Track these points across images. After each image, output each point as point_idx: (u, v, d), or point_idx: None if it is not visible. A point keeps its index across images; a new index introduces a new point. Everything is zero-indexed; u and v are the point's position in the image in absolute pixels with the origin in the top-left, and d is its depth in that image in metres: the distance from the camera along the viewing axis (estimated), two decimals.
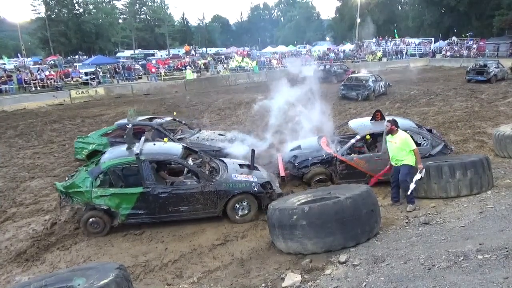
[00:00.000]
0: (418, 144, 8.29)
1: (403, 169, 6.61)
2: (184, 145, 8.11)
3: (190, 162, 7.68)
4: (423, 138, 8.34)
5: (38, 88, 26.35)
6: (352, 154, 8.24)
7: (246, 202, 6.98)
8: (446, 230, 5.12)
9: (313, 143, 9.08)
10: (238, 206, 6.97)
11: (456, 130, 12.22)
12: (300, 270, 4.72)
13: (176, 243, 6.41)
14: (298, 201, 5.91)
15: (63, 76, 28.86)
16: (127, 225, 6.82)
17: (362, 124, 8.92)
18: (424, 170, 6.53)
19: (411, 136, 8.57)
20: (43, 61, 54.24)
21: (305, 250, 5.15)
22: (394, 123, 6.71)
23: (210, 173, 7.45)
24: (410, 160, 6.56)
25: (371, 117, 8.84)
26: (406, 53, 45.20)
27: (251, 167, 7.72)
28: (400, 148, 6.57)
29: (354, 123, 9.17)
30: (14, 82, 27.22)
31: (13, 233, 6.98)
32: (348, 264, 4.59)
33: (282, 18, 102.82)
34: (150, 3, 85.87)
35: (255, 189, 6.98)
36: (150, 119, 10.86)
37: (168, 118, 11.32)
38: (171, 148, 7.56)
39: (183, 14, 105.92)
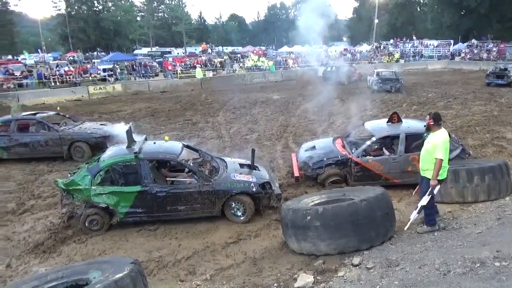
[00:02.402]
0: None
1: (425, 184, 5.59)
2: (185, 144, 8.14)
3: (190, 161, 7.72)
4: None
5: (57, 83, 26.85)
6: (368, 156, 8.18)
7: (241, 203, 6.92)
8: (462, 236, 5.06)
9: (328, 144, 9.04)
10: (233, 205, 6.96)
11: (474, 134, 12.02)
12: (312, 271, 4.71)
13: (189, 239, 6.46)
14: (312, 202, 5.90)
15: (82, 72, 29.34)
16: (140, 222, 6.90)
17: (378, 126, 8.83)
18: (437, 188, 5.47)
19: None
20: (62, 57, 55.14)
21: (318, 251, 5.15)
22: (434, 117, 5.49)
23: (210, 172, 7.47)
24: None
25: (387, 119, 8.76)
26: (423, 55, 44.55)
27: (251, 166, 7.70)
28: (429, 151, 5.46)
29: (370, 125, 9.09)
30: (34, 77, 27.81)
31: (31, 225, 7.14)
32: (361, 267, 4.57)
33: (298, 18, 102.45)
34: (168, 1, 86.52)
35: (254, 189, 6.94)
36: (34, 114, 11.83)
37: (52, 112, 12.56)
38: (170, 147, 7.53)
39: (200, 13, 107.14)
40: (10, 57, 60.32)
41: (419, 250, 4.77)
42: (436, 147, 5.32)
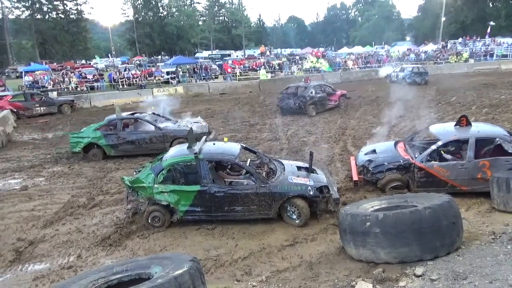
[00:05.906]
0: (509, 154, 7.61)
1: None
2: (244, 145, 8.23)
3: (248, 162, 7.79)
4: None
5: (125, 86, 28.50)
6: (432, 161, 7.76)
7: (295, 206, 6.84)
8: None
9: (389, 147, 8.71)
10: (289, 208, 6.90)
11: None
12: (371, 279, 4.55)
13: (246, 240, 6.52)
14: (372, 207, 5.70)
15: (147, 75, 30.87)
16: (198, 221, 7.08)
17: (445, 129, 8.34)
18: None
19: (501, 145, 7.96)
20: (129, 61, 58.38)
21: (377, 259, 4.96)
22: None
23: (267, 174, 7.47)
24: None
25: (455, 123, 8.25)
26: (496, 54, 41.29)
27: (309, 169, 7.58)
28: None
29: (435, 129, 8.61)
30: (105, 80, 29.80)
31: (100, 219, 7.62)
32: (425, 278, 4.33)
33: (359, 18, 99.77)
34: (228, 5, 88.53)
35: (311, 192, 6.83)
36: (133, 114, 12.62)
37: (149, 112, 13.17)
38: (229, 148, 7.63)
39: (259, 15, 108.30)
40: (83, 61, 65.22)
41: (490, 263, 4.42)
42: None
